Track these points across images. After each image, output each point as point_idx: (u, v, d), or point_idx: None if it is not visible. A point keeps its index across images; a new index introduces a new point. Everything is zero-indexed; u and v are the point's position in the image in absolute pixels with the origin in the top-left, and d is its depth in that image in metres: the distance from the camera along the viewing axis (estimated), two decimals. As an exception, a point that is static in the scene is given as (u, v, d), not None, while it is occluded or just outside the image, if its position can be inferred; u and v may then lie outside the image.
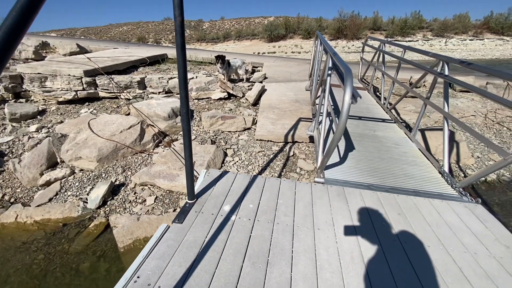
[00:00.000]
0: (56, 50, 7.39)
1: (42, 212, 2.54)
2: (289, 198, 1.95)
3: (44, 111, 4.46)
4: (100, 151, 3.06)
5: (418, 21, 29.08)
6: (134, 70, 5.99)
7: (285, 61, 8.95)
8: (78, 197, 2.71)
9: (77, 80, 4.66)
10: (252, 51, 24.82)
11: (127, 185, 2.85)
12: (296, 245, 1.53)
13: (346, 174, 2.40)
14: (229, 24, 41.69)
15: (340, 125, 1.75)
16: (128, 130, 3.37)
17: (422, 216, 1.85)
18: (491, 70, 2.01)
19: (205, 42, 32.28)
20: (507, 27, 28.55)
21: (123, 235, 2.25)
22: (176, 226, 1.61)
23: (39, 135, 3.69)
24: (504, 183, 3.11)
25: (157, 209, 2.54)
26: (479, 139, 2.04)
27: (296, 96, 4.94)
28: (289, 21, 30.20)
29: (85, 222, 2.47)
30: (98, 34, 40.48)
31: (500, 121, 4.57)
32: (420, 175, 2.43)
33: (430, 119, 4.51)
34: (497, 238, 1.68)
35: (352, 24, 27.05)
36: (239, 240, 1.53)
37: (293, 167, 3.13)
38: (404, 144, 3.01)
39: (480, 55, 24.39)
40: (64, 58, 6.01)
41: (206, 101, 4.92)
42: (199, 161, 2.95)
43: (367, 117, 3.84)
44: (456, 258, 1.51)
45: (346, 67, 1.83)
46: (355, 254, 1.49)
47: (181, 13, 1.36)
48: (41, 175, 2.97)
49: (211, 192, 1.97)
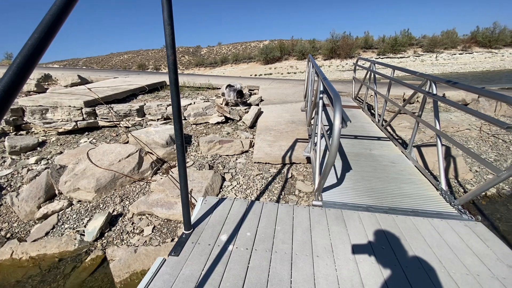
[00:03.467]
0: (58, 82, 7.62)
1: (38, 247, 2.50)
2: (286, 224, 1.94)
3: (44, 142, 4.52)
4: (98, 181, 3.07)
5: (408, 38, 30.24)
6: (134, 98, 6.14)
7: (280, 83, 9.18)
8: (75, 229, 2.68)
9: (77, 110, 4.77)
10: (249, 73, 25.53)
11: (125, 215, 2.83)
12: (294, 275, 1.49)
13: (344, 195, 2.39)
14: (226, 49, 43.27)
15: (333, 149, 1.78)
16: (127, 159, 3.40)
17: (422, 237, 1.83)
18: (473, 88, 2.08)
19: (204, 67, 33.33)
20: (494, 40, 29.67)
21: (120, 268, 2.20)
22: (172, 259, 1.59)
23: (38, 167, 3.72)
24: (505, 197, 3.09)
25: (155, 240, 2.50)
26: (471, 156, 2.06)
27: (292, 117, 5.03)
28: (284, 43, 31.39)
29: (82, 256, 2.42)
30: (100, 63, 41.87)
31: (495, 133, 4.61)
32: (418, 194, 2.42)
33: (426, 135, 4.55)
34: (498, 258, 1.65)
35: (344, 44, 28.11)
36: (236, 272, 1.50)
37: (291, 189, 3.13)
38: (400, 162, 3.03)
39: (471, 67, 25.08)
40: (66, 89, 6.18)
41: (204, 126, 5.00)
42: (197, 187, 2.95)
43: (362, 135, 3.89)
44: (459, 282, 1.47)
45: (335, 93, 1.89)
46: (355, 281, 1.45)
47: (174, 52, 1.44)
48: (38, 208, 2.96)
49: (208, 220, 1.96)
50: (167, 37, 1.37)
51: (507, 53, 28.68)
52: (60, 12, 0.64)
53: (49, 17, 0.62)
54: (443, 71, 23.90)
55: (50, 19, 0.62)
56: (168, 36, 1.37)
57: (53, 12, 0.63)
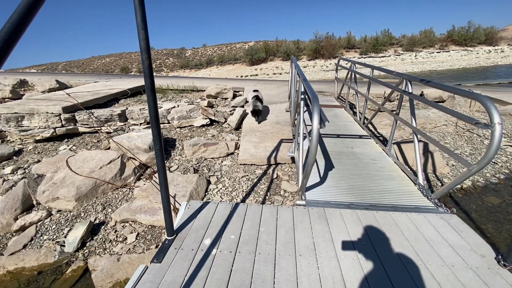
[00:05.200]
0: (35, 88, 7.33)
1: (16, 260, 2.40)
2: (270, 224, 1.95)
3: (21, 150, 4.33)
4: (78, 189, 2.98)
5: (388, 38, 31.16)
6: (115, 102, 5.99)
7: (265, 84, 9.23)
8: (54, 240, 2.59)
9: (55, 117, 4.61)
10: (235, 75, 25.49)
11: (107, 223, 2.75)
12: (277, 275, 1.51)
13: (327, 194, 2.44)
14: (211, 50, 43.01)
15: (312, 150, 1.81)
16: (108, 165, 3.32)
17: (401, 231, 1.89)
18: (444, 86, 2.18)
19: (189, 69, 32.98)
20: (469, 39, 31.07)
21: (102, 279, 2.14)
22: (154, 266, 1.57)
23: (14, 177, 3.56)
24: (479, 189, 3.24)
25: (139, 247, 2.45)
26: (445, 151, 2.15)
27: (277, 118, 5.07)
28: (268, 45, 31.56)
29: (62, 268, 2.34)
30: (80, 67, 40.58)
31: (470, 128, 4.83)
32: (397, 189, 2.50)
33: (406, 132, 4.71)
34: (472, 248, 1.73)
35: (328, 44, 28.61)
36: (220, 276, 1.50)
37: (277, 189, 3.15)
38: (380, 159, 3.12)
39: (448, 65, 26.11)
40: (43, 95, 5.96)
41: (189, 129, 4.95)
42: (181, 192, 2.91)
43: (344, 134, 3.97)
44: (435, 273, 1.53)
45: (313, 95, 1.93)
46: (336, 278, 1.48)
47: (149, 57, 1.42)
48: (15, 220, 2.84)
49: (192, 225, 1.95)
50: (141, 41, 1.36)
51: (482, 50, 30.13)
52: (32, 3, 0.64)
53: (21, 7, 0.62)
54: (422, 69, 24.77)
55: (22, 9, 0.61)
56: (142, 40, 1.35)
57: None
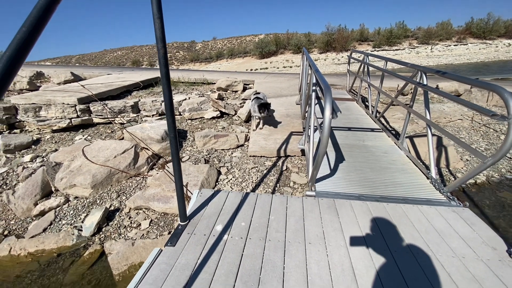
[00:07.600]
0: (51, 79, 7.54)
1: (36, 243, 2.53)
2: (280, 213, 1.98)
3: (39, 140, 4.50)
4: (94, 177, 3.09)
5: (403, 30, 30.17)
6: (128, 94, 6.11)
7: (275, 77, 9.17)
8: (72, 225, 2.71)
9: (71, 108, 4.75)
10: (244, 68, 25.39)
11: (121, 210, 2.86)
12: (287, 261, 1.54)
13: (337, 185, 2.44)
14: (221, 44, 42.85)
15: (324, 139, 1.82)
16: (122, 155, 3.42)
17: (411, 223, 1.89)
18: (460, 78, 2.13)
19: (199, 62, 33.04)
20: (488, 31, 29.73)
21: (118, 261, 2.24)
22: (168, 249, 1.63)
23: (33, 164, 3.72)
24: (494, 184, 3.17)
25: (152, 233, 2.54)
26: (459, 144, 2.11)
27: (287, 110, 5.05)
28: (279, 37, 31.15)
29: (80, 251, 2.45)
30: (93, 60, 41.30)
31: (486, 123, 4.69)
32: (409, 182, 2.48)
33: (419, 126, 4.62)
34: (484, 241, 1.71)
35: (340, 37, 27.99)
36: (231, 260, 1.55)
37: (286, 181, 3.17)
38: (392, 153, 3.08)
39: (466, 59, 25.15)
40: (59, 87, 6.13)
41: (199, 121, 5.01)
42: (193, 181, 2.98)
43: (356, 127, 3.93)
44: (445, 264, 1.53)
45: (326, 85, 1.92)
46: (345, 266, 1.51)
47: (164, 46, 1.45)
48: (35, 205, 2.98)
49: (204, 212, 2.00)
50: (157, 30, 1.38)
51: (501, 43, 28.81)
52: (47, 6, 0.66)
53: (37, 10, 0.64)
54: (438, 62, 23.97)
55: (37, 13, 0.64)
56: (158, 29, 1.38)
57: (40, 6, 0.65)
